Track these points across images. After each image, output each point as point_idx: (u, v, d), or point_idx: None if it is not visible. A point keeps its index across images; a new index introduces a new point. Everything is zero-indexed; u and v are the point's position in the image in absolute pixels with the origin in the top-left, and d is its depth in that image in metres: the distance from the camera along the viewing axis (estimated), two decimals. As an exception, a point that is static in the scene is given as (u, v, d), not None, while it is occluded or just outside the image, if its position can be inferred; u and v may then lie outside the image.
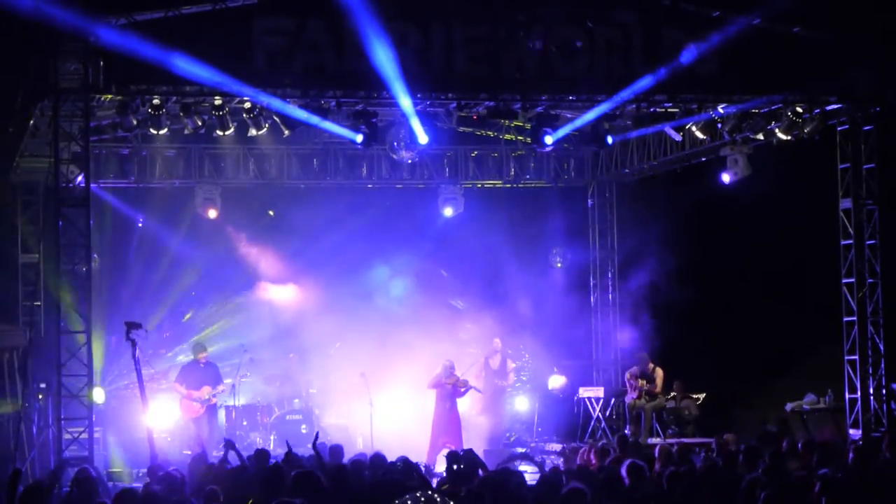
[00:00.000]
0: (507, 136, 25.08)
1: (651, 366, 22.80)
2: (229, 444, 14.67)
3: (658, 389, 22.61)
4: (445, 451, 17.14)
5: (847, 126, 20.97)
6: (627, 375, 23.03)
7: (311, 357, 24.40)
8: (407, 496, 8.87)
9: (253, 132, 19.84)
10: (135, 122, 19.25)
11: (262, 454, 14.93)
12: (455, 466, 12.74)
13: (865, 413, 20.65)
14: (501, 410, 23.06)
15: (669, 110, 20.61)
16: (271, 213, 25.61)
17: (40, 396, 20.33)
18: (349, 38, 18.55)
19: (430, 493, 9.21)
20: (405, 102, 19.26)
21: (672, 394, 23.05)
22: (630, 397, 22.77)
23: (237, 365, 23.39)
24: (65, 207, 18.59)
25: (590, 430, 23.50)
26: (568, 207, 26.57)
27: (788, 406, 22.37)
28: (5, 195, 23.91)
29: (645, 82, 19.45)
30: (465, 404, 22.27)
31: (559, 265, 26.74)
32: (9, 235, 24.03)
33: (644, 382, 22.55)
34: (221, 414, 22.48)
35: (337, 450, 15.04)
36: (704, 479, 12.30)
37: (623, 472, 12.09)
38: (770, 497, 10.49)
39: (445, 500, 8.95)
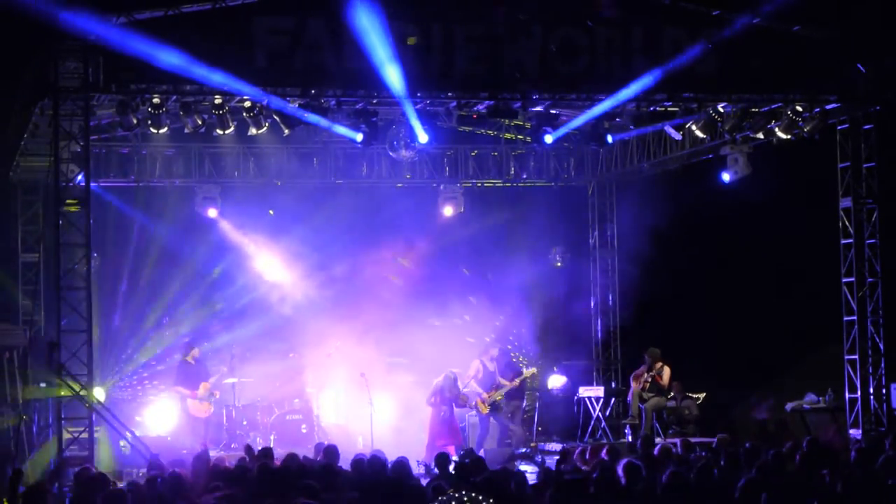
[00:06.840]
0: (507, 135, 25.08)
1: (659, 364, 22.70)
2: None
3: (664, 383, 22.49)
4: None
5: (847, 125, 20.97)
6: (634, 375, 22.93)
7: (311, 356, 24.36)
8: (444, 496, 8.81)
9: (253, 131, 19.82)
10: (135, 121, 19.22)
11: (268, 452, 15.00)
12: (457, 463, 12.70)
13: (865, 413, 20.65)
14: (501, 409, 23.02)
15: (669, 109, 20.60)
16: (271, 212, 25.56)
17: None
18: (349, 38, 18.52)
19: (465, 492, 9.13)
20: (405, 101, 19.25)
21: (672, 394, 23.02)
22: (633, 390, 22.70)
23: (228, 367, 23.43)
24: (65, 207, 18.57)
25: (590, 429, 23.48)
26: (568, 206, 26.53)
27: (788, 406, 22.37)
28: (5, 194, 23.91)
29: (645, 81, 19.44)
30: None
31: (559, 264, 26.70)
32: (9, 235, 24.02)
33: (652, 374, 22.48)
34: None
35: (332, 450, 14.94)
36: (703, 479, 12.27)
37: (619, 471, 12.07)
38: (770, 497, 10.47)
39: (481, 499, 8.91)
